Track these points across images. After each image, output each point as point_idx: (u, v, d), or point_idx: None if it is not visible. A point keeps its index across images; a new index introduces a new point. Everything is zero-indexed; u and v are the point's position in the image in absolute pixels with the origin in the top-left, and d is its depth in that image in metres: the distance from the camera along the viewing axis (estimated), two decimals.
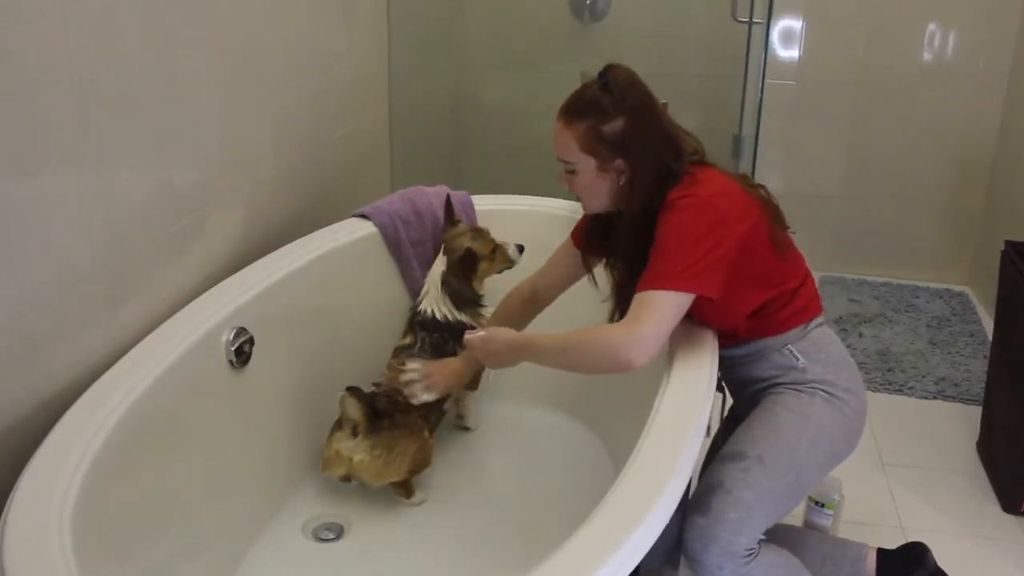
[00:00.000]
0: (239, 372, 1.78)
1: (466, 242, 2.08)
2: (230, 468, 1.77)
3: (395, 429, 1.86)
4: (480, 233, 2.13)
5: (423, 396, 1.88)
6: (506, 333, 1.70)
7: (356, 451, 1.84)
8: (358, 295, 2.17)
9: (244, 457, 1.83)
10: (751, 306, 1.68)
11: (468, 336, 1.77)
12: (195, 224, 1.85)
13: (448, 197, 2.20)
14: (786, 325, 1.71)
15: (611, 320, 1.72)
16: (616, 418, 2.12)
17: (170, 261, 1.78)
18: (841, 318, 3.41)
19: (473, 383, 2.18)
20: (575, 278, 1.92)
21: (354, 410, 1.80)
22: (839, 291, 3.67)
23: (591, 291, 1.84)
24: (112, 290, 1.60)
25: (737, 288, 1.60)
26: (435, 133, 3.33)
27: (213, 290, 1.83)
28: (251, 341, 1.79)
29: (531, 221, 2.33)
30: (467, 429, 2.27)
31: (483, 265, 2.09)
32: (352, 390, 1.80)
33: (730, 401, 1.90)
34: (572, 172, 1.64)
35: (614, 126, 1.57)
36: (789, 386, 1.70)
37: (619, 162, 1.60)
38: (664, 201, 1.58)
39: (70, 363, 1.51)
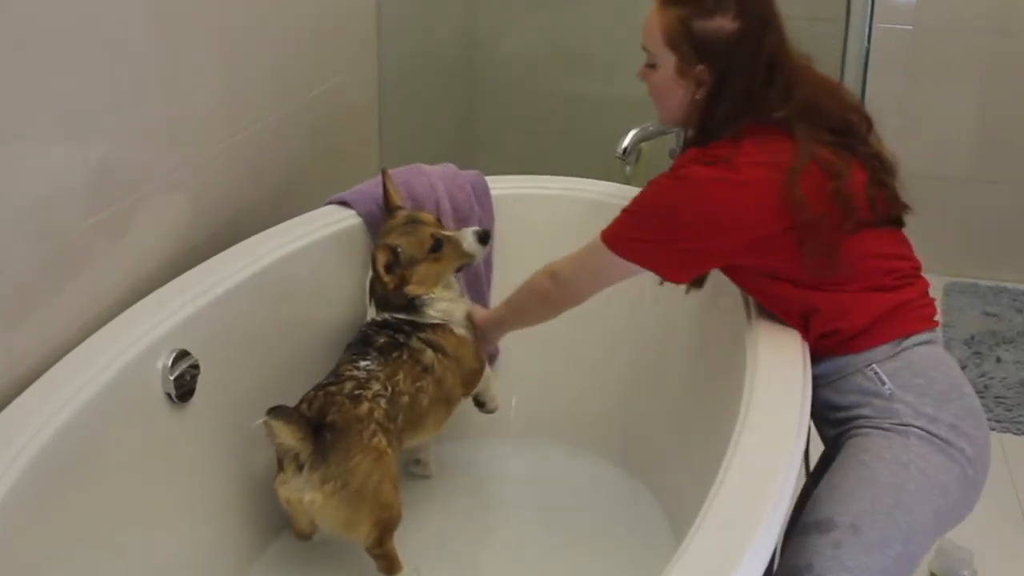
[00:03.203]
0: (180, 408, 1.78)
1: (393, 239, 2.04)
2: (168, 534, 1.77)
3: (340, 440, 1.81)
4: (417, 226, 2.06)
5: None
6: (478, 310, 2.13)
7: (305, 490, 1.81)
8: (335, 306, 2.17)
9: (187, 519, 1.83)
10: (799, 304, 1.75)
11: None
12: (122, 214, 1.85)
13: (384, 175, 2.16)
14: (867, 340, 1.72)
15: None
16: (674, 465, 2.12)
17: (88, 263, 1.77)
18: (973, 338, 3.40)
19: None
20: None
21: (286, 435, 1.77)
22: (971, 302, 3.66)
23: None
24: (8, 304, 1.59)
25: (759, 276, 1.78)
26: (439, 93, 3.34)
27: (146, 301, 1.83)
28: (195, 368, 1.80)
29: (564, 209, 2.33)
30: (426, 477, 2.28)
31: (420, 269, 2.04)
32: (275, 411, 1.75)
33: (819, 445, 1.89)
34: (652, 66, 1.82)
35: (708, 25, 1.72)
36: (874, 422, 1.70)
37: (701, 69, 1.75)
38: (705, 145, 1.73)
39: None
